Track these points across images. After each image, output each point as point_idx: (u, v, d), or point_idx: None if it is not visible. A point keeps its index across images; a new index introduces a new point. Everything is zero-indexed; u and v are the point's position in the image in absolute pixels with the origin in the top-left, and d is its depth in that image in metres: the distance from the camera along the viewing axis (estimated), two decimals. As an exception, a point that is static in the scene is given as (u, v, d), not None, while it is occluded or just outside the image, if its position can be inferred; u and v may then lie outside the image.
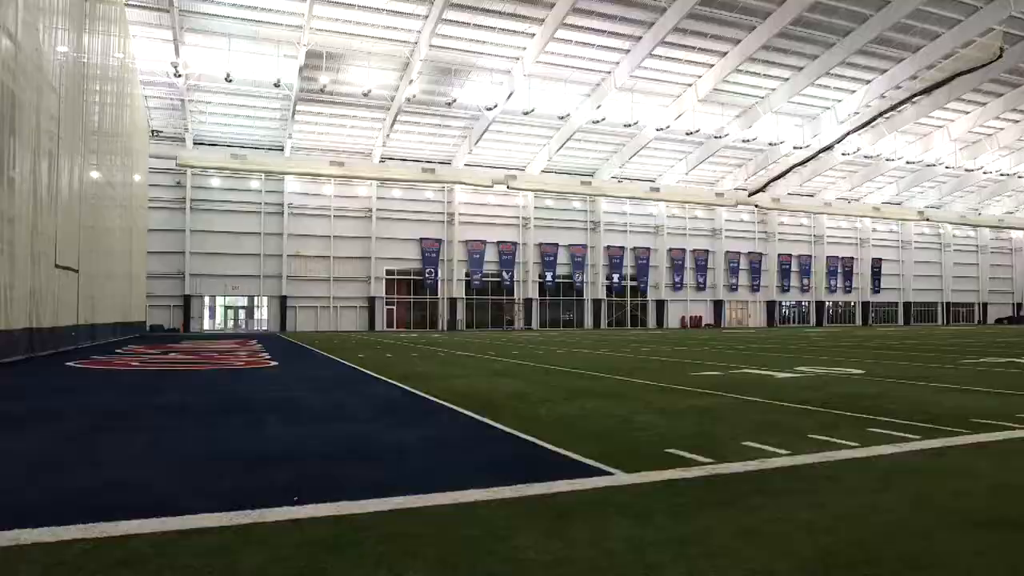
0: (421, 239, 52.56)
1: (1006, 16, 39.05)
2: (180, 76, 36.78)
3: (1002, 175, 64.64)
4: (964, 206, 71.01)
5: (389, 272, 52.16)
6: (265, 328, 48.26)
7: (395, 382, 11.07)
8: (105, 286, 25.29)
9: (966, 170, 62.04)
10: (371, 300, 50.93)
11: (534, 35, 38.88)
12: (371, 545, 3.18)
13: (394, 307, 52.56)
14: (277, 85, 39.21)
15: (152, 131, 43.38)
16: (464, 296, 53.92)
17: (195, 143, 45.65)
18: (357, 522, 3.53)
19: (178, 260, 46.04)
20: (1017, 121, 54.92)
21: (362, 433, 6.33)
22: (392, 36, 38.56)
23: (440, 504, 3.87)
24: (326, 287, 50.00)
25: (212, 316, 48.72)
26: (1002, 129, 56.27)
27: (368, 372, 13.10)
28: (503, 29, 38.59)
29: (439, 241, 52.96)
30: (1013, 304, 77.52)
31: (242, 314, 49.63)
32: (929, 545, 3.19)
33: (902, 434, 5.99)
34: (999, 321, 74.00)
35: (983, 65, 40.37)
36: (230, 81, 37.99)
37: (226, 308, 49.27)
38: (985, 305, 75.86)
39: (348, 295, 50.63)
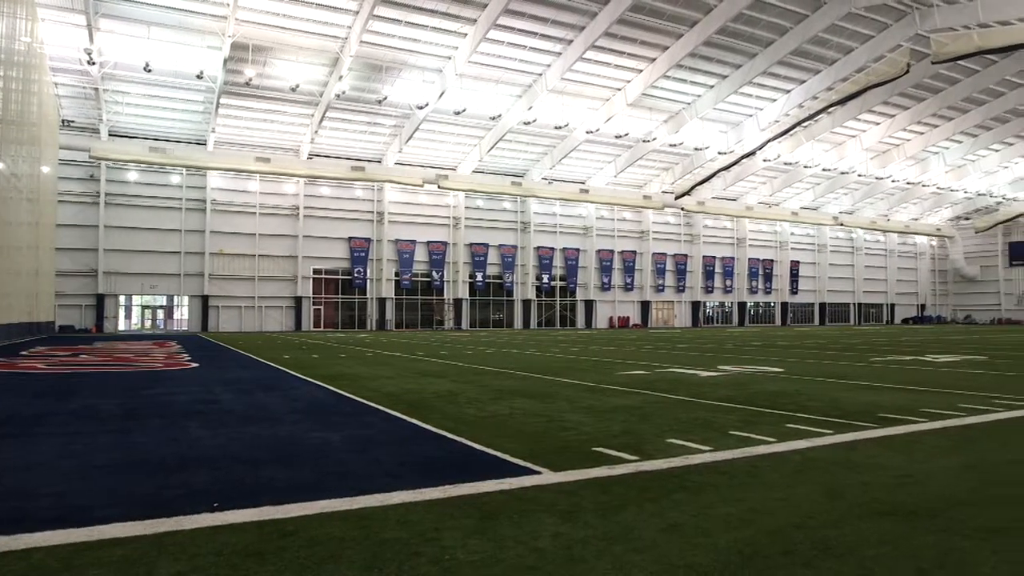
0: (350, 238, 51.71)
1: (913, 34, 41.37)
2: (94, 64, 34.99)
3: (908, 183, 68.39)
4: (874, 212, 74.80)
5: (317, 271, 51.10)
6: (185, 329, 46.49)
7: (321, 383, 10.86)
8: (8, 283, 23.85)
9: (876, 178, 65.36)
10: (298, 300, 49.78)
11: (466, 35, 38.81)
12: (295, 550, 3.11)
13: (321, 307, 51.53)
14: (200, 77, 37.82)
15: (63, 121, 41.14)
16: (394, 296, 53.35)
17: (111, 135, 43.51)
18: (281, 527, 3.44)
19: (91, 257, 43.82)
20: (922, 133, 58.22)
21: (286, 435, 6.18)
22: (322, 31, 37.76)
23: (367, 506, 3.82)
24: (251, 286, 48.57)
25: (128, 316, 46.58)
26: (909, 140, 59.53)
27: (293, 373, 12.81)
28: (435, 28, 38.34)
29: (368, 240, 52.22)
30: (917, 305, 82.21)
31: (160, 314, 47.67)
32: (840, 534, 3.35)
33: (817, 429, 6.26)
34: (905, 321, 78.34)
35: (892, 79, 42.60)
36: (149, 71, 36.41)
37: (143, 308, 47.20)
38: (893, 306, 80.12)
39: (274, 294, 49.33)
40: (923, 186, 69.14)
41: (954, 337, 30.64)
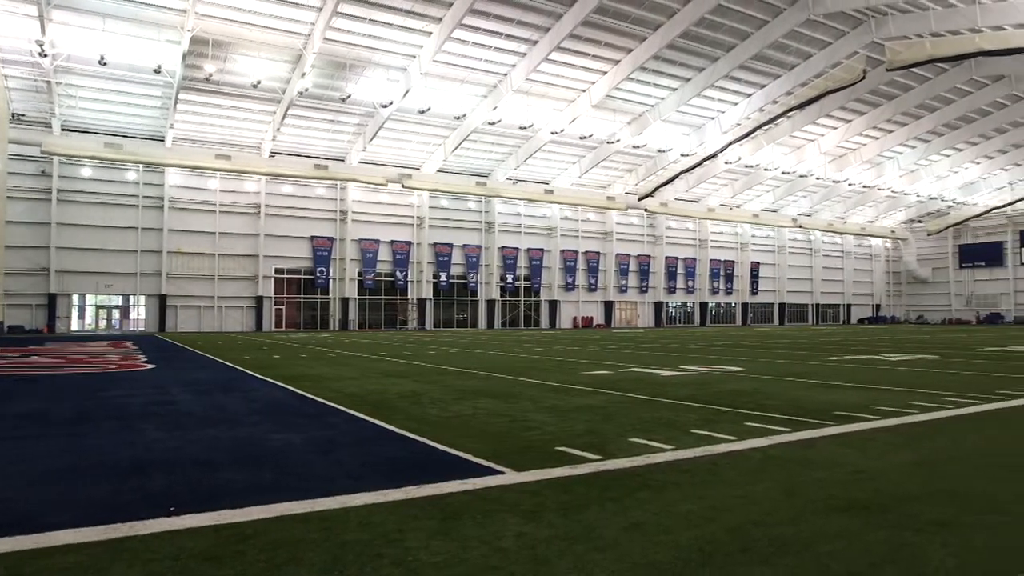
0: (312, 237, 51.08)
1: (868, 41, 42.42)
2: (46, 56, 33.92)
3: (864, 187, 70.07)
4: (831, 214, 76.47)
5: (278, 271, 50.35)
6: (142, 329, 45.40)
7: (282, 384, 10.72)
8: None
9: (834, 181, 66.83)
10: (259, 300, 48.99)
11: (431, 33, 38.62)
12: (255, 554, 3.07)
13: (283, 307, 50.79)
14: (158, 71, 36.92)
15: (13, 115, 39.83)
16: (357, 296, 52.86)
17: (63, 129, 42.25)
18: (239, 530, 3.39)
19: (42, 255, 42.52)
20: (877, 138, 59.69)
21: (246, 437, 6.08)
22: (284, 27, 37.20)
23: (328, 508, 3.78)
24: (210, 286, 47.65)
25: (82, 316, 45.30)
26: (865, 144, 60.98)
27: (254, 374, 12.61)
28: (400, 26, 38.07)
29: (331, 239, 51.65)
30: (872, 306, 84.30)
31: (116, 314, 46.47)
32: (797, 530, 3.42)
33: (776, 427, 6.38)
34: (860, 321, 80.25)
35: (849, 85, 43.58)
36: (104, 64, 35.45)
37: (98, 308, 45.97)
38: (849, 306, 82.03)
39: (234, 294, 48.46)
40: (878, 189, 70.91)
41: (907, 337, 31.49)
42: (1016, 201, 70.44)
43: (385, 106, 43.41)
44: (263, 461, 5.09)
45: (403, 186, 51.53)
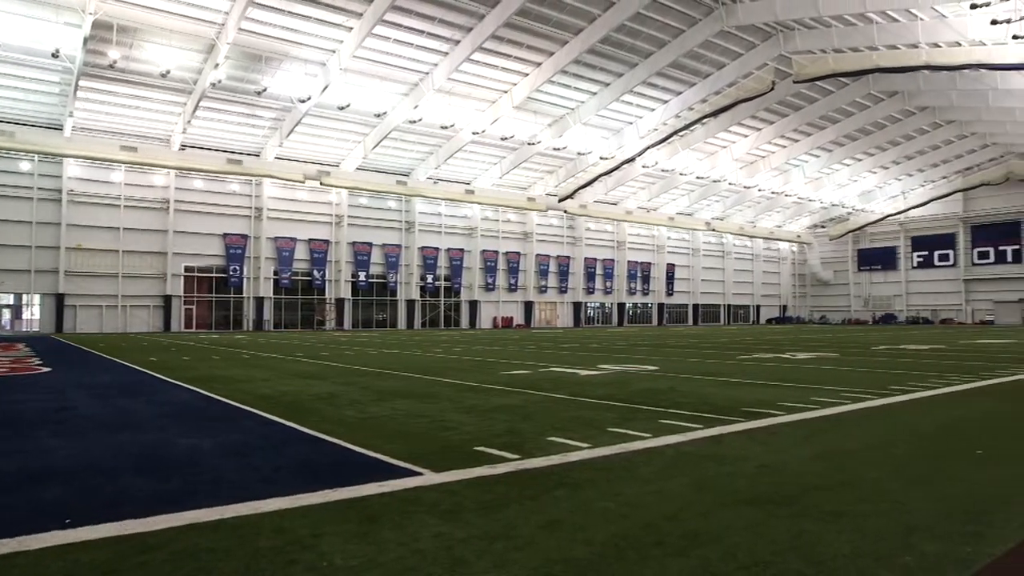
0: (225, 234, 49.25)
1: (777, 54, 44.49)
2: (-72, 36, 31.53)
3: (773, 193, 73.34)
4: (743, 219, 79.71)
5: (188, 269, 48.28)
6: (37, 330, 42.59)
7: (192, 386, 10.30)
8: None
9: (745, 187, 69.67)
10: (167, 299, 46.84)
11: (352, 28, 37.92)
12: (158, 565, 2.93)
13: (194, 307, 48.75)
14: (56, 56, 34.70)
15: None
16: (272, 295, 51.32)
17: (-52, 115, 39.32)
18: (142, 541, 3.23)
19: (-77, 250, 39.41)
20: (785, 146, 62.61)
21: (152, 443, 5.81)
22: (196, 14, 35.70)
23: (239, 515, 3.66)
24: (114, 284, 45.19)
25: (-32, 316, 42.27)
26: (773, 152, 63.85)
27: (161, 376, 12.06)
28: (319, 20, 37.20)
29: (245, 237, 49.95)
30: (780, 306, 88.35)
31: (7, 314, 43.47)
32: (707, 523, 3.54)
33: (688, 424, 6.58)
34: (769, 321, 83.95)
35: (759, 95, 45.66)
36: (-5, 47, 33.22)
37: (-14, 307, 42.97)
38: (758, 307, 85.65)
39: (140, 293, 46.15)
40: (786, 195, 74.34)
41: (810, 336, 33.14)
42: (908, 209, 75.51)
43: (303, 101, 42.33)
44: (170, 468, 4.88)
45: (321, 183, 50.43)
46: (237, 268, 49.40)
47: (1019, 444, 5.79)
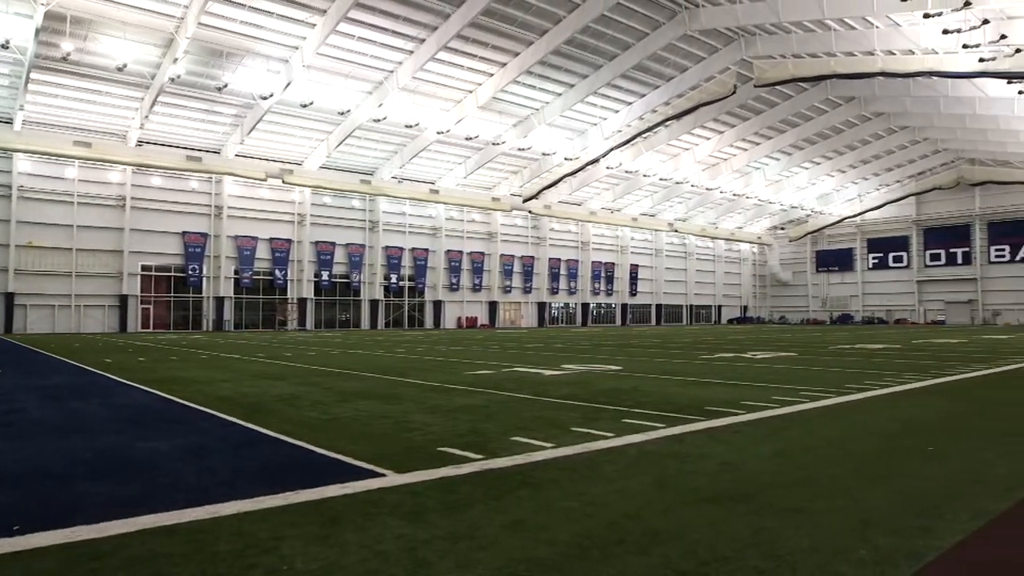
0: (184, 233, 48.25)
1: (739, 59, 45.23)
2: None
3: (734, 195, 74.51)
4: (705, 220, 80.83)
5: (146, 268, 47.18)
6: (-15, 330, 41.34)
7: (149, 388, 10.06)
8: None
9: (707, 188, 70.60)
10: (123, 299, 45.70)
11: (315, 25, 37.45)
12: (111, 572, 2.86)
13: (151, 306, 47.65)
14: (5, 47, 33.58)
15: None
16: (233, 295, 50.44)
17: None
18: (95, 548, 3.15)
19: None
20: (746, 149, 63.67)
21: (107, 446, 5.66)
22: (154, 7, 34.84)
23: (197, 519, 3.59)
24: (67, 283, 43.95)
25: (-88, 315, 40.67)
26: (735, 155, 64.87)
27: (116, 378, 11.77)
28: (282, 15, 36.64)
29: (205, 235, 49.00)
30: (741, 307, 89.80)
31: (-46, 313, 42.01)
32: (669, 521, 3.58)
33: (651, 423, 6.65)
34: (730, 321, 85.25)
35: (721, 98, 46.32)
36: (-59, 37, 32.01)
37: (-68, 306, 41.39)
38: (720, 307, 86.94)
39: (95, 292, 44.95)
40: (747, 198, 75.56)
41: (770, 336, 33.74)
42: (864, 212, 77.36)
43: (265, 98, 41.69)
44: (126, 471, 4.76)
45: (284, 182, 49.75)
46: (196, 267, 48.44)
47: (968, 441, 5.97)
